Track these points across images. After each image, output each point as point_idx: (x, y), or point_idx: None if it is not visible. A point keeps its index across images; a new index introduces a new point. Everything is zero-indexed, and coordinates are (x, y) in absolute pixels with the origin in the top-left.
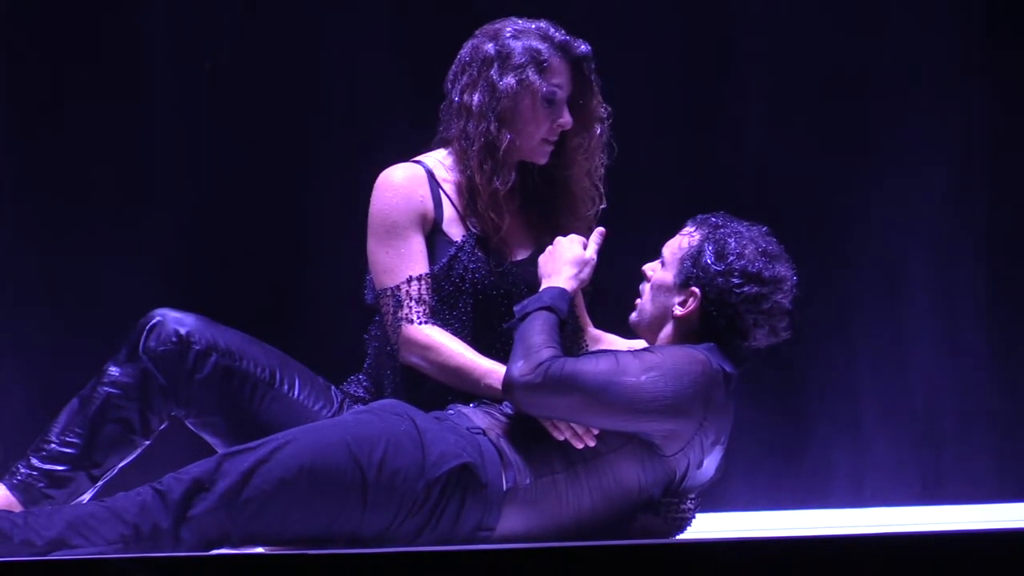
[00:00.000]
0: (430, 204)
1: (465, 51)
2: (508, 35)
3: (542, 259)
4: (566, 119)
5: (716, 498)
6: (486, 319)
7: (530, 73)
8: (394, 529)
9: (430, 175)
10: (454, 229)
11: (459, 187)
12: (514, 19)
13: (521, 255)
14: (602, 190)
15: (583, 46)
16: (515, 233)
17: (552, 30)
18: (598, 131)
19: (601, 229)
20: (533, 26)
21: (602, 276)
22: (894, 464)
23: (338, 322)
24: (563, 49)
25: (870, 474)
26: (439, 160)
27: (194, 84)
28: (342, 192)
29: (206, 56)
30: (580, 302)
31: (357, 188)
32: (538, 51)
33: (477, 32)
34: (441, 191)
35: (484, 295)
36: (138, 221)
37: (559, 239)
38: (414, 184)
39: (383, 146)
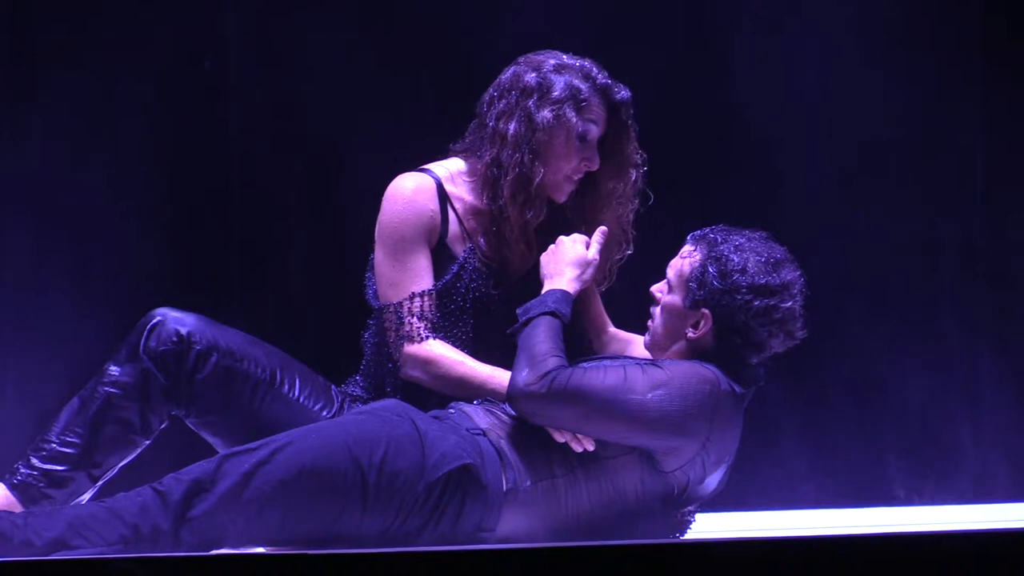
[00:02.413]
0: (438, 218)
1: (505, 76)
2: (550, 68)
3: (544, 259)
4: (594, 161)
5: (717, 497)
6: (487, 336)
7: (567, 109)
8: (394, 530)
9: (439, 187)
10: (457, 245)
11: (467, 203)
12: (558, 53)
13: (523, 269)
14: (630, 235)
15: (623, 91)
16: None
17: (595, 71)
18: (632, 177)
19: (603, 228)
20: (577, 63)
21: (628, 274)
22: (895, 464)
23: (339, 322)
24: (603, 92)
25: (870, 474)
26: (450, 172)
27: (198, 83)
28: (344, 192)
29: (207, 56)
30: (597, 302)
31: (359, 187)
32: (578, 89)
33: (520, 59)
34: (448, 205)
35: (485, 313)
36: (138, 221)
37: (561, 238)
38: (424, 198)
39: (385, 147)
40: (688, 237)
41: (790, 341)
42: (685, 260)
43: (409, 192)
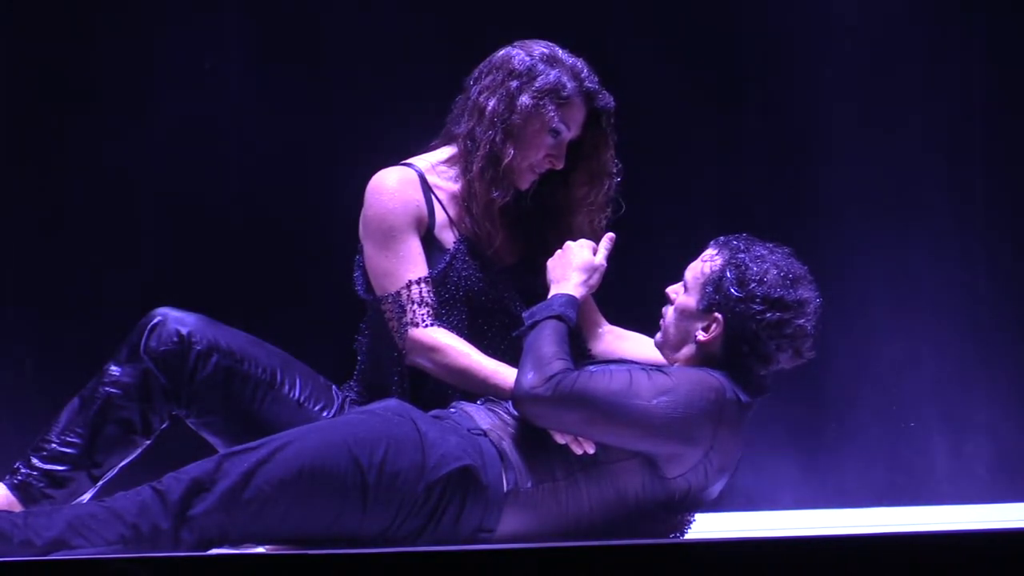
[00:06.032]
0: (424, 208)
1: (498, 56)
2: (543, 58)
3: (551, 264)
4: (560, 161)
5: (718, 497)
6: (479, 325)
7: (547, 101)
8: (394, 530)
9: (422, 179)
10: (446, 235)
11: (451, 193)
12: (556, 46)
13: (511, 260)
14: None
15: (608, 100)
16: (506, 238)
17: (585, 72)
18: (606, 186)
19: (611, 235)
20: (570, 61)
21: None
22: (895, 465)
23: (339, 322)
24: (588, 95)
25: (870, 474)
26: (432, 164)
27: (195, 83)
28: (343, 190)
29: (206, 56)
30: (588, 299)
31: (359, 186)
32: (564, 85)
33: (516, 43)
34: (433, 196)
35: (476, 302)
36: (139, 220)
37: (568, 244)
38: (408, 187)
39: (381, 145)
40: (711, 242)
41: (798, 359)
42: (705, 263)
43: (393, 183)
